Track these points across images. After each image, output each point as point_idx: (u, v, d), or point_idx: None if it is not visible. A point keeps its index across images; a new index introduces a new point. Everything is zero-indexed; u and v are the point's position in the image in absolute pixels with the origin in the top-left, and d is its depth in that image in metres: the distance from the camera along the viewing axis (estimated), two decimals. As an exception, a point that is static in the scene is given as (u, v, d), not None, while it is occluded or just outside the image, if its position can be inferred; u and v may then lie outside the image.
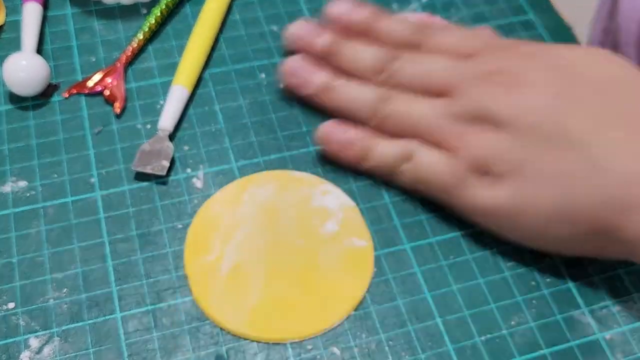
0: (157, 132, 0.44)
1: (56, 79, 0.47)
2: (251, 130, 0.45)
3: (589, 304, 0.39)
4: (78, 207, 0.41)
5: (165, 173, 0.42)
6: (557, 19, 0.52)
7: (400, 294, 0.39)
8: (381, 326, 0.37)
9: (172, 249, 0.40)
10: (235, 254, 0.39)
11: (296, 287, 0.38)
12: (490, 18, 0.52)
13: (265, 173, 0.43)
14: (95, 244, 0.39)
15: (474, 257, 0.40)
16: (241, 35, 0.50)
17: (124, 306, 0.37)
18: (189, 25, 0.50)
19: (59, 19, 0.50)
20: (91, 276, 0.38)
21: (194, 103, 0.46)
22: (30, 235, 0.40)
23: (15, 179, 0.42)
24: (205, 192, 0.42)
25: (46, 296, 0.37)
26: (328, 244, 0.40)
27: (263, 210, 0.41)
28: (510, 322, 0.38)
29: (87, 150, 0.43)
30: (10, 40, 0.49)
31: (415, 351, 0.37)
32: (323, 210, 0.41)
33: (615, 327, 0.38)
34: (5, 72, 0.44)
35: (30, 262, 0.39)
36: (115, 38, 0.49)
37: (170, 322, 0.37)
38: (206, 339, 0.37)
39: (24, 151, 0.43)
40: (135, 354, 0.36)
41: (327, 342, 0.37)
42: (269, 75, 0.48)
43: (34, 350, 0.36)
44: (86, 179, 0.42)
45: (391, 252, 0.40)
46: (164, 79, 0.47)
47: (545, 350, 0.37)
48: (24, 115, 0.45)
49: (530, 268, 0.40)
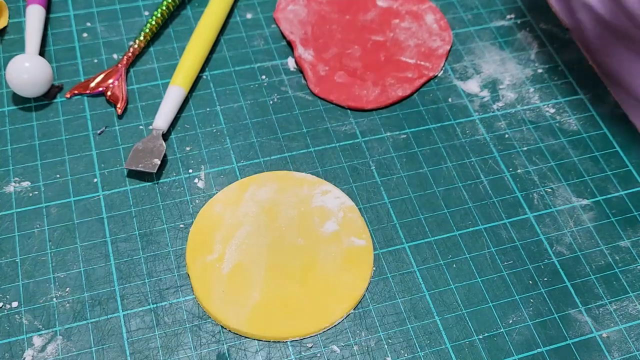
0: (151, 131, 0.44)
1: (59, 80, 0.47)
2: (252, 131, 0.45)
3: (586, 303, 0.39)
4: (80, 207, 0.41)
5: (155, 170, 0.42)
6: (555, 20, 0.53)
7: (399, 293, 0.39)
8: (380, 324, 0.38)
9: (174, 249, 0.40)
10: (237, 254, 0.39)
11: (296, 286, 0.39)
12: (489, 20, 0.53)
13: (266, 173, 0.43)
14: (97, 244, 0.40)
15: (471, 257, 0.41)
16: (242, 37, 0.50)
17: (127, 305, 0.38)
18: (190, 28, 0.50)
19: (62, 21, 0.50)
20: (94, 275, 0.39)
21: (196, 104, 0.46)
22: (33, 235, 0.40)
23: (19, 179, 0.42)
24: (207, 192, 0.42)
25: (49, 295, 0.38)
26: (328, 243, 0.40)
27: (264, 210, 0.41)
28: (508, 321, 0.38)
29: (90, 151, 0.44)
30: (14, 42, 0.49)
31: (414, 349, 0.37)
32: (323, 210, 0.41)
33: (611, 325, 0.38)
34: (8, 74, 0.44)
35: (33, 261, 0.39)
36: (117, 40, 0.50)
37: (172, 320, 0.37)
38: (207, 337, 0.37)
39: (27, 151, 0.43)
40: (138, 352, 0.36)
41: (327, 341, 0.37)
42: (269, 76, 0.48)
43: (37, 349, 0.36)
44: (89, 179, 0.42)
45: (390, 251, 0.41)
46: (165, 80, 0.47)
47: (542, 348, 0.37)
48: (27, 116, 0.45)
49: (527, 267, 0.40)
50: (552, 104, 0.48)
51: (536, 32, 0.52)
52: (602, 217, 0.43)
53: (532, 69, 0.50)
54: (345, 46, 0.50)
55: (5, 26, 0.49)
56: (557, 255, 0.41)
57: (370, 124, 0.46)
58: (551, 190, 0.44)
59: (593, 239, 0.42)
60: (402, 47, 0.50)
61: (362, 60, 0.49)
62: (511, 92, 0.49)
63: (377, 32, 0.51)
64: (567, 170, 0.45)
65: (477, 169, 0.44)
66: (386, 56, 0.49)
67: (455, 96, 0.48)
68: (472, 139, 0.46)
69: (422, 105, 0.47)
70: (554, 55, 0.51)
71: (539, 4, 0.54)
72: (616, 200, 0.44)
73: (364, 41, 0.50)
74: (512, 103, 0.48)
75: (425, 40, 0.51)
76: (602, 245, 0.42)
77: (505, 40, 0.52)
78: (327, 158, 0.44)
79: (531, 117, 0.47)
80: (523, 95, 0.49)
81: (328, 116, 0.46)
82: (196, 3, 0.52)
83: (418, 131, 0.46)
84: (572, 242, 0.42)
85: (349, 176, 0.44)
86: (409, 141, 0.45)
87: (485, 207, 0.43)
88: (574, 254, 0.41)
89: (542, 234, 0.42)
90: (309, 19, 0.51)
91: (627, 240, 0.42)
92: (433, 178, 0.44)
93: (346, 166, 0.44)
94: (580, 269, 0.41)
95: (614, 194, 0.44)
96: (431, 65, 0.49)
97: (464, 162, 0.45)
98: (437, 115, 0.47)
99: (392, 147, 0.45)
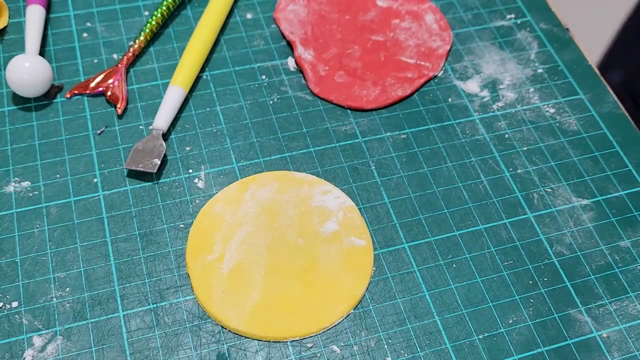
0: (151, 131, 0.44)
1: (59, 80, 0.47)
2: (252, 131, 0.45)
3: (586, 303, 0.39)
4: (81, 207, 0.41)
5: (155, 170, 0.42)
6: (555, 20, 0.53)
7: (399, 293, 0.39)
8: (380, 324, 0.38)
9: (174, 249, 0.40)
10: (237, 254, 0.40)
11: (296, 286, 0.39)
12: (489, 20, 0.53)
13: (266, 173, 0.43)
14: (97, 244, 0.40)
15: (471, 257, 0.41)
16: (242, 37, 0.50)
17: (127, 305, 0.38)
18: (190, 28, 0.50)
19: (62, 21, 0.50)
20: (94, 275, 0.39)
21: (196, 104, 0.46)
22: (33, 235, 0.40)
23: (19, 179, 0.42)
24: (207, 192, 0.42)
25: (49, 295, 0.38)
26: (328, 243, 0.40)
27: (264, 210, 0.41)
28: (508, 321, 0.38)
29: (90, 151, 0.44)
30: (14, 42, 0.49)
31: (414, 349, 0.37)
32: (323, 210, 0.41)
33: (612, 325, 0.38)
34: (8, 74, 0.44)
35: (33, 261, 0.39)
36: (117, 40, 0.50)
37: (172, 320, 0.37)
38: (207, 337, 0.37)
39: (27, 151, 0.43)
40: (138, 352, 0.36)
41: (327, 341, 0.37)
42: (269, 76, 0.48)
43: (37, 349, 0.36)
44: (89, 179, 0.42)
45: (390, 251, 0.41)
46: (165, 80, 0.47)
47: (542, 348, 0.37)
48: (27, 116, 0.45)
49: (527, 267, 0.40)
50: (552, 104, 0.48)
51: (536, 32, 0.52)
52: (602, 217, 0.43)
53: (532, 69, 0.50)
54: (346, 46, 0.50)
55: (5, 26, 0.49)
56: (557, 255, 0.41)
57: (370, 124, 0.46)
58: (551, 190, 0.44)
59: (593, 239, 0.42)
60: (402, 47, 0.50)
61: (362, 60, 0.49)
62: (511, 92, 0.49)
63: (377, 32, 0.51)
64: (567, 170, 0.45)
65: (477, 169, 0.44)
66: (386, 56, 0.49)
67: (455, 96, 0.48)
68: (472, 139, 0.46)
69: (422, 105, 0.47)
70: (554, 55, 0.51)
71: (539, 4, 0.54)
72: (616, 200, 0.44)
73: (364, 41, 0.50)
74: (512, 103, 0.48)
75: (426, 40, 0.51)
76: (602, 245, 0.42)
77: (505, 40, 0.52)
78: (327, 158, 0.44)
79: (531, 117, 0.47)
80: (523, 95, 0.49)
81: (328, 116, 0.46)
82: (196, 3, 0.52)
83: (418, 131, 0.46)
84: (572, 242, 0.42)
85: (349, 176, 0.44)
86: (409, 141, 0.45)
87: (485, 207, 0.43)
88: (574, 254, 0.41)
89: (542, 234, 0.42)
90: (309, 19, 0.51)
91: (627, 240, 0.42)
92: (433, 178, 0.44)
93: (346, 166, 0.44)
94: (580, 269, 0.41)
95: (614, 194, 0.44)
96: (431, 65, 0.49)
97: (464, 162, 0.45)
98: (437, 115, 0.47)
99: (392, 147, 0.45)
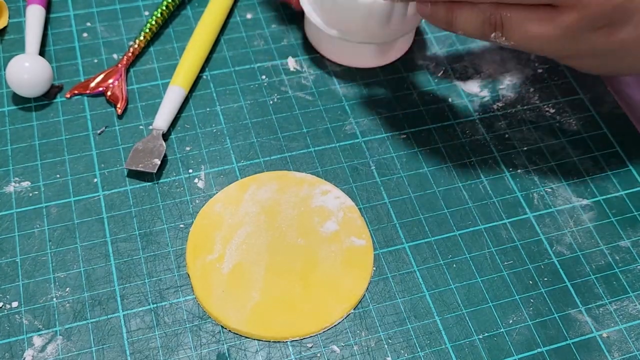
0: (151, 131, 0.44)
1: (59, 80, 0.47)
2: (252, 131, 0.45)
3: (586, 303, 0.39)
4: (81, 207, 0.41)
5: (155, 170, 0.42)
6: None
7: (399, 293, 0.39)
8: (380, 324, 0.38)
9: (174, 249, 0.40)
10: (237, 254, 0.40)
11: (296, 286, 0.39)
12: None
13: (266, 173, 0.43)
14: (97, 244, 0.40)
15: (472, 257, 0.41)
16: (242, 37, 0.51)
17: (127, 305, 0.38)
18: (190, 28, 0.50)
19: (62, 21, 0.50)
20: (94, 275, 0.39)
21: (196, 104, 0.46)
22: (33, 235, 0.40)
23: (19, 179, 0.42)
24: (207, 192, 0.42)
25: (49, 295, 0.38)
26: (328, 243, 0.40)
27: (264, 210, 0.41)
28: (508, 321, 0.38)
29: (90, 151, 0.44)
30: (14, 42, 0.49)
31: (414, 349, 0.37)
32: (323, 210, 0.41)
33: (612, 325, 0.39)
34: (8, 74, 0.44)
35: (33, 261, 0.39)
36: (117, 40, 0.50)
37: (172, 320, 0.37)
38: (208, 337, 0.37)
39: (27, 151, 0.43)
40: (138, 352, 0.36)
41: (327, 341, 0.37)
42: (269, 76, 0.48)
43: (37, 349, 0.36)
44: (89, 179, 0.42)
45: (390, 251, 0.41)
46: (165, 80, 0.47)
47: (542, 348, 0.37)
48: (27, 116, 0.45)
49: (527, 267, 0.40)
50: (552, 104, 0.48)
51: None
52: (602, 217, 0.43)
53: (532, 69, 0.50)
54: None
55: (5, 26, 0.49)
56: (557, 255, 0.41)
57: (370, 124, 0.46)
58: (551, 190, 0.44)
59: (593, 239, 0.42)
60: None
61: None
62: (511, 92, 0.49)
63: None
64: (567, 170, 0.45)
65: (477, 169, 0.44)
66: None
67: (455, 96, 0.48)
68: (472, 139, 0.46)
69: (422, 105, 0.47)
70: (554, 55, 0.51)
71: (539, 4, 0.54)
72: (616, 200, 0.44)
73: None
74: (512, 103, 0.48)
75: None
76: (602, 245, 0.42)
77: (505, 40, 0.52)
78: (327, 158, 0.44)
79: (531, 117, 0.47)
80: (523, 95, 0.49)
81: (328, 116, 0.46)
82: (196, 3, 0.52)
83: (418, 131, 0.46)
84: (572, 242, 0.42)
85: (349, 176, 0.44)
86: (409, 141, 0.46)
87: (485, 207, 0.43)
88: (574, 254, 0.41)
89: (542, 234, 0.42)
90: None
91: (627, 240, 0.42)
92: (433, 178, 0.44)
93: (346, 166, 0.44)
94: (580, 269, 0.41)
95: (614, 194, 0.44)
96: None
97: (464, 162, 0.45)
98: (437, 115, 0.47)
99: (392, 147, 0.45)
